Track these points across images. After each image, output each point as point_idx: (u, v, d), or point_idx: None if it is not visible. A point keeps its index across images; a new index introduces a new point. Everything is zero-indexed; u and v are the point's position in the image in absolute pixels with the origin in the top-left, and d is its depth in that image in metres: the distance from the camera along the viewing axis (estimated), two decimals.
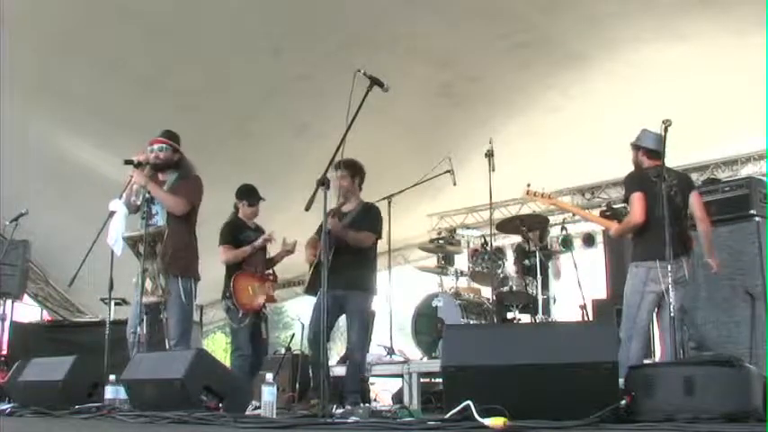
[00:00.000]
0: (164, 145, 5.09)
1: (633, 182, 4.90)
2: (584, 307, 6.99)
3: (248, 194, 5.97)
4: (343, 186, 5.30)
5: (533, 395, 2.97)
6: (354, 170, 5.37)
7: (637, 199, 4.77)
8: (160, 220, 4.96)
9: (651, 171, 4.82)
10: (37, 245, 8.80)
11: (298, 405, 6.07)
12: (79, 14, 6.28)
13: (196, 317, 6.87)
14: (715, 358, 3.50)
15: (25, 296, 9.32)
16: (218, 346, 19.25)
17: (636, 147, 5.03)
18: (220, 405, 3.82)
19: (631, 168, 5.07)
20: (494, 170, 6.38)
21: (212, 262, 5.84)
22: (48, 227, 8.59)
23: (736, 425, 2.78)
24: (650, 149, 4.91)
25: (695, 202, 4.93)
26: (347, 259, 5.12)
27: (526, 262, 7.25)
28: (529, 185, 5.60)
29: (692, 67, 6.80)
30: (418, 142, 8.34)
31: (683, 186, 4.90)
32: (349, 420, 3.59)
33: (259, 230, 5.98)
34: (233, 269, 5.67)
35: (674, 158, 6.36)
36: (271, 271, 5.92)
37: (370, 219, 5.32)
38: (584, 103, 7.56)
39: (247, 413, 4.15)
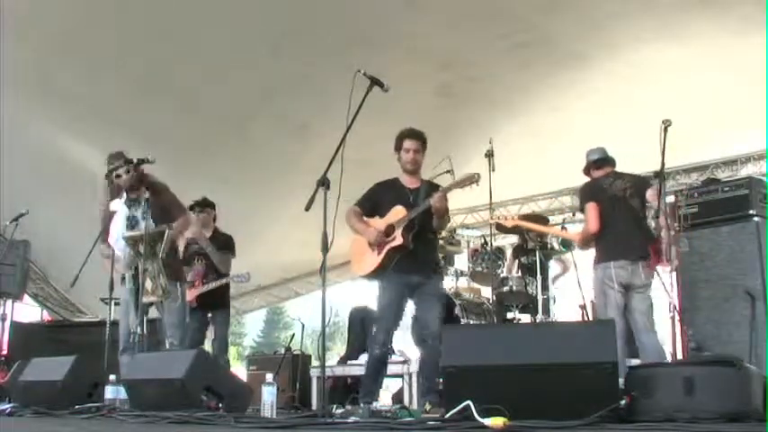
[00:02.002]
0: (121, 169, 4.98)
1: (585, 193, 5.06)
2: (584, 307, 6.98)
3: (193, 206, 6.25)
4: (416, 162, 4.79)
5: (533, 395, 2.97)
6: (426, 145, 4.83)
7: (590, 209, 4.92)
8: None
9: (603, 179, 5.01)
10: (37, 245, 8.80)
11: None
12: (79, 14, 6.28)
13: None
14: (715, 358, 3.50)
15: (25, 296, 9.33)
16: None
17: (585, 170, 5.20)
18: (220, 405, 3.82)
19: (626, 169, 5.17)
20: (494, 170, 6.37)
21: None
22: (48, 227, 8.59)
23: (736, 425, 2.78)
24: (594, 161, 5.12)
25: (651, 197, 4.91)
26: (428, 243, 4.79)
27: (523, 260, 7.25)
28: (492, 213, 5.68)
29: (692, 67, 6.80)
30: None
31: (638, 188, 4.97)
32: (349, 420, 3.59)
33: (208, 241, 6.23)
34: None
35: (674, 158, 6.38)
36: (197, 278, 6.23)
37: None
38: (584, 103, 7.56)
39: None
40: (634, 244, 4.73)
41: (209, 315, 6.27)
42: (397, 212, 4.66)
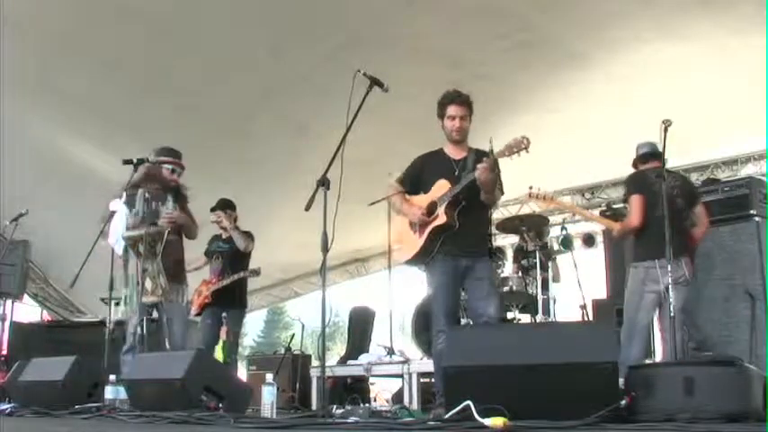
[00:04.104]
0: (178, 168, 5.15)
1: (633, 184, 4.97)
2: (584, 307, 6.98)
3: (216, 206, 6.44)
4: (463, 129, 4.41)
5: (533, 395, 2.97)
6: (472, 110, 4.41)
7: (635, 201, 4.83)
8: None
9: (651, 172, 4.88)
10: (37, 245, 8.80)
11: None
12: (79, 14, 6.27)
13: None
14: (715, 358, 3.50)
15: (25, 296, 9.33)
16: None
17: (633, 164, 5.14)
18: (220, 405, 3.82)
19: (626, 169, 5.19)
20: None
21: None
22: (48, 227, 8.59)
23: (736, 425, 2.78)
24: (642, 155, 5.05)
25: (703, 213, 5.02)
26: (477, 220, 4.28)
27: (524, 262, 7.25)
28: (531, 187, 5.61)
29: (692, 67, 6.80)
30: (418, 142, 8.30)
31: (686, 190, 4.96)
32: (349, 420, 3.59)
33: (230, 240, 6.37)
34: None
35: (674, 158, 6.36)
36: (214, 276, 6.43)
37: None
38: (584, 103, 7.56)
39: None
40: (676, 242, 4.48)
41: (224, 314, 6.26)
42: (441, 187, 4.28)
